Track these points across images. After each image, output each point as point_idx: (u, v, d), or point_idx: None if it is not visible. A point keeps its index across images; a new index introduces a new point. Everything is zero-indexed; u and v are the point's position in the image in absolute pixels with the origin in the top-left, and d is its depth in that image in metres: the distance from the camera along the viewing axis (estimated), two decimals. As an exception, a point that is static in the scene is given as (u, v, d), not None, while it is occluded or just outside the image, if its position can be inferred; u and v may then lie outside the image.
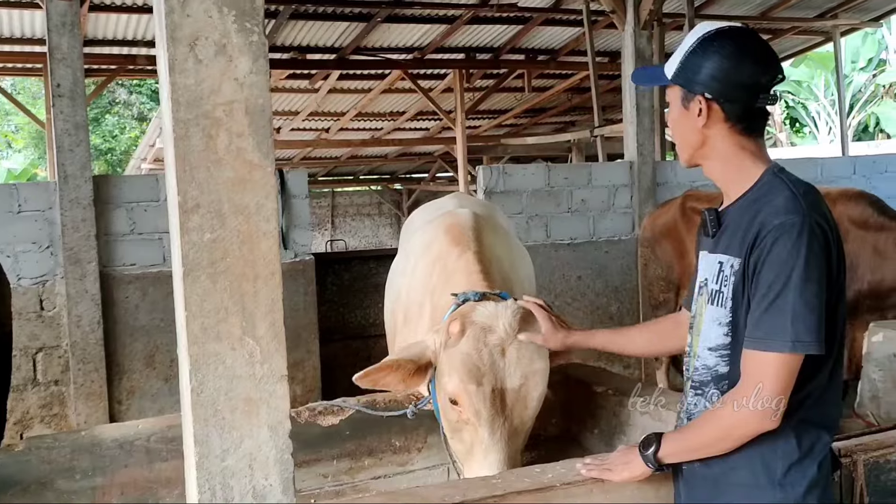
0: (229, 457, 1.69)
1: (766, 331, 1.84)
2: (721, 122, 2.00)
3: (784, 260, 1.83)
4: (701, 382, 2.06)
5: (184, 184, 1.64)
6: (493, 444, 2.49)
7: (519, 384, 2.54)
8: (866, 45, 23.82)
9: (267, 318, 1.71)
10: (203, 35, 1.63)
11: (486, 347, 2.54)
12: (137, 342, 5.77)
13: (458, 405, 2.54)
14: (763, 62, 1.99)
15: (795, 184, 1.97)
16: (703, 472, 2.03)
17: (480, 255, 3.00)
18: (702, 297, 2.10)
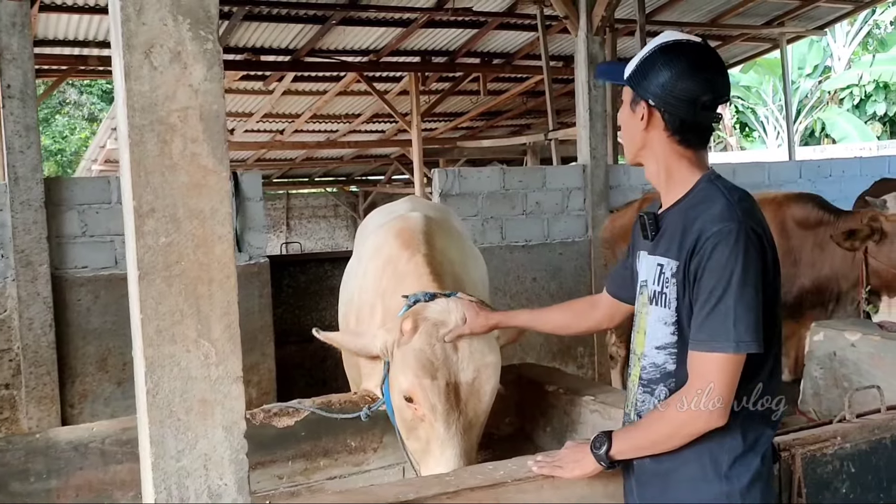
0: (184, 457, 1.71)
1: (710, 333, 1.93)
2: (660, 130, 2.09)
3: (723, 265, 1.92)
4: (650, 381, 2.13)
5: (139, 188, 1.66)
6: (449, 439, 2.54)
7: (472, 377, 2.60)
8: (812, 52, 24.41)
9: (222, 321, 1.74)
10: (158, 42, 1.66)
11: (438, 342, 2.60)
12: (90, 345, 5.71)
13: (414, 402, 2.59)
14: (707, 81, 2.07)
15: (730, 191, 2.05)
16: (654, 467, 2.09)
17: (430, 258, 3.05)
18: (642, 297, 2.18)
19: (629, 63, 2.16)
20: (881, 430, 2.59)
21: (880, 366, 3.74)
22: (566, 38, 10.42)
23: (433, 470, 2.54)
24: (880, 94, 24.53)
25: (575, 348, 7.17)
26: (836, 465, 2.48)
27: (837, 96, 25.55)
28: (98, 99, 24.96)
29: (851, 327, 4.06)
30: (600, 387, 3.22)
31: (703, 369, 1.94)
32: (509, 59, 11.84)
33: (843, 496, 2.49)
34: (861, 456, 2.53)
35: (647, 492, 2.13)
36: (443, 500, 2.06)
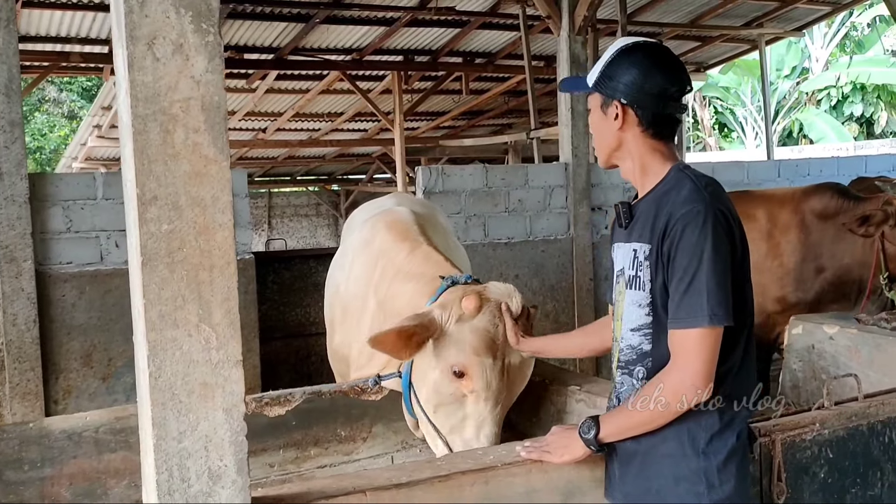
0: (186, 438, 1.76)
1: (687, 311, 2.02)
2: (635, 126, 2.19)
3: (694, 244, 2.01)
4: (627, 362, 2.21)
5: (142, 177, 1.71)
6: (493, 417, 2.66)
7: (519, 360, 2.74)
8: (790, 53, 24.66)
9: (223, 306, 1.78)
10: (161, 34, 1.70)
11: (501, 324, 2.70)
12: (74, 341, 5.71)
13: (465, 378, 2.66)
14: (671, 74, 2.19)
15: (698, 178, 2.16)
16: (635, 447, 2.16)
17: (435, 247, 3.15)
18: (619, 284, 2.26)
19: (591, 72, 2.27)
20: (858, 417, 2.66)
21: (857, 358, 3.84)
22: (548, 37, 10.52)
23: (469, 444, 2.65)
24: (857, 95, 24.83)
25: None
26: (814, 450, 2.55)
27: (815, 97, 25.83)
28: (78, 96, 24.80)
29: (829, 321, 4.15)
30: (585, 377, 3.28)
31: (683, 346, 2.03)
32: (492, 58, 11.91)
33: (821, 481, 2.57)
34: (839, 442, 2.61)
35: (627, 471, 2.19)
36: (435, 483, 2.11)
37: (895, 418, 2.75)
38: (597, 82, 2.23)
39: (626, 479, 2.20)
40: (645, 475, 2.15)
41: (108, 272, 5.68)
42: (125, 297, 5.63)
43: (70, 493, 2.74)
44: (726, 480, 2.09)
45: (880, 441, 2.71)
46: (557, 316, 7.23)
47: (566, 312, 7.27)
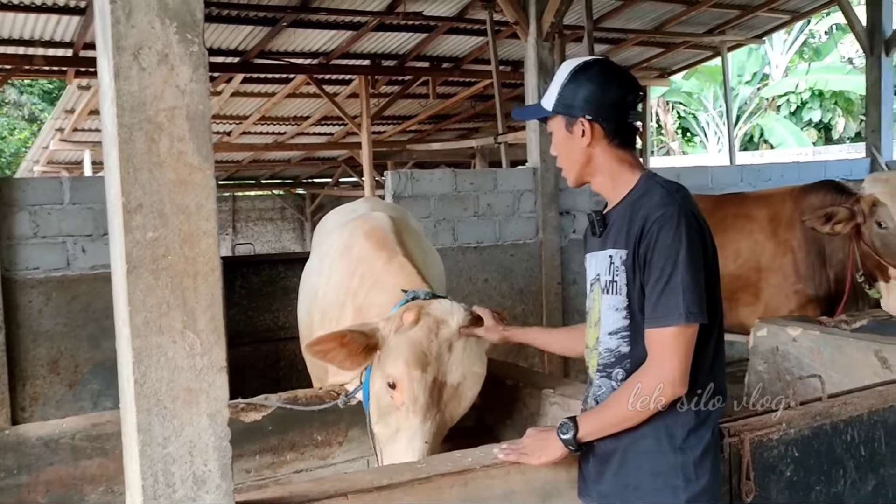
0: (171, 444, 1.78)
1: (664, 310, 2.09)
2: (602, 140, 2.27)
3: (669, 245, 2.09)
4: (605, 365, 2.27)
5: (127, 185, 1.73)
6: (420, 433, 2.64)
7: (458, 381, 2.71)
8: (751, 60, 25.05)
9: (207, 313, 1.81)
10: (147, 45, 1.72)
11: (436, 339, 2.70)
12: (41, 347, 5.65)
13: (397, 389, 2.67)
14: (626, 84, 2.29)
15: (667, 184, 2.25)
16: (613, 445, 2.22)
17: (410, 258, 3.16)
18: (594, 291, 2.32)
19: (545, 97, 2.34)
20: (822, 416, 2.74)
21: (819, 359, 3.94)
22: (515, 43, 10.59)
23: (397, 457, 2.63)
24: (816, 101, 25.25)
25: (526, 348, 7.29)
26: (781, 449, 2.62)
27: (775, 103, 26.23)
28: (39, 99, 24.46)
29: (793, 323, 4.25)
30: (559, 380, 3.34)
31: (661, 344, 2.10)
32: (458, 63, 11.97)
33: (787, 479, 2.64)
34: (804, 441, 2.69)
35: (605, 469, 2.24)
36: (415, 485, 2.15)
37: (857, 417, 2.84)
38: (556, 105, 2.29)
39: (603, 477, 2.25)
40: (623, 472, 2.21)
41: (74, 278, 5.64)
42: (92, 303, 5.64)
43: (46, 499, 2.74)
44: (702, 475, 2.17)
45: (843, 440, 2.79)
46: (526, 319, 7.28)
47: (535, 315, 7.33)
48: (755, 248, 5.47)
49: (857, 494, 2.86)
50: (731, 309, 5.61)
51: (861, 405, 2.89)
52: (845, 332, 4.24)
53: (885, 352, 3.80)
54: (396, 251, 3.19)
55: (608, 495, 2.24)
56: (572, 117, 2.26)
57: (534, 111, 2.39)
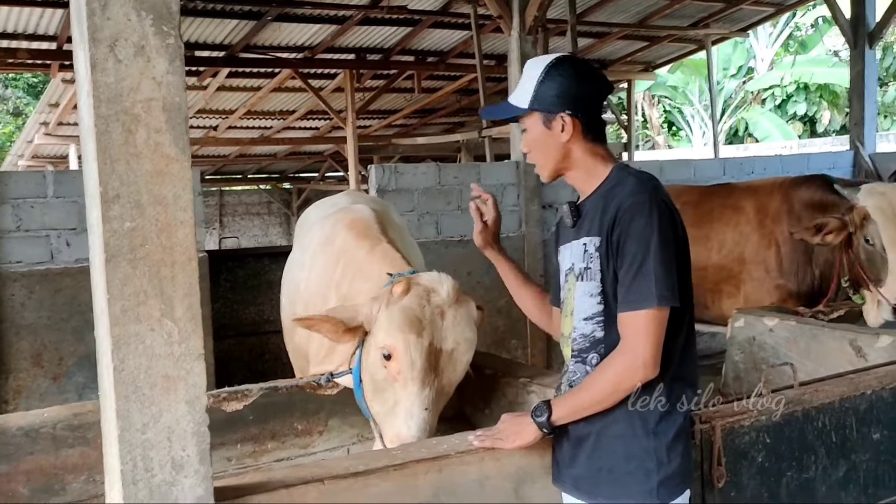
0: (149, 430, 1.81)
1: (636, 294, 2.13)
2: (579, 134, 2.30)
3: (642, 231, 2.13)
4: (580, 350, 2.31)
5: (105, 175, 1.75)
6: (420, 400, 2.67)
7: (452, 347, 2.75)
8: (737, 53, 25.14)
9: (184, 302, 1.84)
10: (123, 37, 1.75)
11: (428, 305, 2.74)
12: (24, 341, 5.66)
13: (392, 359, 2.69)
14: (598, 79, 2.35)
15: (639, 174, 2.29)
16: (587, 429, 2.26)
17: (394, 245, 3.21)
18: (569, 281, 2.36)
19: (517, 96, 2.34)
20: (793, 403, 2.80)
21: (795, 348, 4.00)
22: (499, 37, 10.63)
23: (398, 430, 2.67)
24: (801, 94, 25.40)
25: (508, 340, 7.36)
26: (752, 435, 2.67)
27: (760, 96, 26.37)
28: (23, 93, 24.34)
29: (770, 314, 4.31)
30: (537, 369, 3.38)
31: (633, 327, 2.14)
32: (443, 57, 12.00)
33: (759, 465, 2.69)
34: (775, 427, 2.74)
35: (578, 453, 2.29)
36: (390, 471, 2.18)
37: (828, 405, 2.89)
38: (533, 102, 2.30)
39: (576, 461, 2.29)
40: (597, 455, 2.25)
41: (58, 271, 5.64)
42: (76, 296, 5.65)
43: (27, 489, 2.76)
44: (674, 458, 2.22)
45: (814, 426, 2.85)
46: (510, 311, 7.32)
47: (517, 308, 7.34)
48: (739, 240, 5.47)
49: (829, 480, 2.91)
50: (714, 301, 5.63)
51: (832, 392, 2.94)
52: (821, 322, 4.30)
53: (859, 341, 3.87)
54: (380, 239, 3.23)
55: (581, 479, 2.29)
56: (551, 113, 2.29)
57: (505, 110, 2.39)
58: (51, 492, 2.79)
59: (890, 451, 3.05)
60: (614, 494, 2.23)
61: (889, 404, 3.05)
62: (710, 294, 5.58)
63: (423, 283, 2.80)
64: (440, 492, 2.23)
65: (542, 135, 2.32)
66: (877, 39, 9.41)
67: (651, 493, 2.19)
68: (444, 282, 2.81)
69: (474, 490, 2.28)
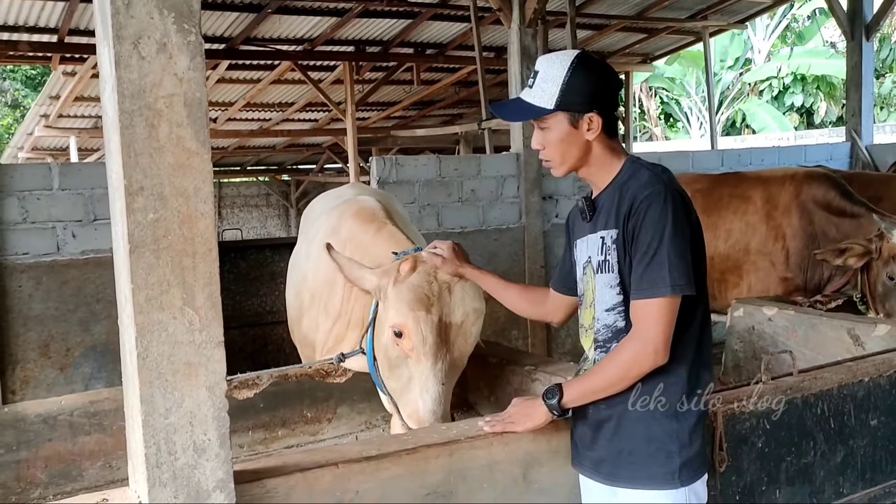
0: (172, 414, 1.87)
1: (649, 282, 2.17)
2: (601, 132, 2.33)
3: (656, 221, 2.18)
4: (605, 340, 2.35)
5: (129, 168, 1.81)
6: (434, 375, 2.74)
7: (461, 319, 2.82)
8: (734, 45, 25.19)
9: (205, 290, 1.90)
10: (146, 34, 1.81)
11: (436, 281, 2.81)
12: (31, 332, 5.72)
13: (404, 336, 2.77)
14: (614, 76, 2.37)
15: (652, 166, 2.34)
16: (608, 412, 2.31)
17: (399, 228, 3.27)
18: (587, 273, 2.40)
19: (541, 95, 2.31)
20: (793, 390, 2.86)
21: (794, 337, 4.06)
22: (498, 29, 10.66)
23: (414, 405, 2.75)
24: (798, 85, 25.44)
25: (509, 331, 7.42)
26: (752, 422, 2.74)
27: (757, 88, 26.39)
28: (22, 85, 24.33)
29: (769, 303, 4.37)
30: (541, 357, 3.45)
31: (645, 314, 2.19)
32: (442, 49, 12.03)
33: (759, 450, 2.76)
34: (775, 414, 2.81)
35: (599, 436, 2.34)
36: (402, 455, 2.25)
37: (827, 391, 2.96)
38: (560, 103, 2.28)
39: (597, 444, 2.34)
40: (618, 438, 2.30)
41: (64, 263, 5.70)
42: (82, 287, 5.71)
43: (45, 475, 2.82)
44: (696, 441, 2.27)
45: (813, 413, 2.91)
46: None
47: (518, 299, 7.42)
48: (746, 230, 5.48)
49: (827, 465, 2.98)
50: (720, 290, 5.66)
51: (831, 380, 3.01)
52: (819, 311, 4.37)
53: (857, 330, 3.93)
54: (385, 223, 3.30)
55: (602, 461, 2.33)
56: (578, 113, 2.29)
57: (528, 111, 2.34)
58: (68, 478, 2.86)
59: (887, 436, 3.13)
60: (635, 477, 2.27)
61: (886, 391, 3.12)
62: (716, 284, 5.59)
63: (429, 261, 2.85)
64: (451, 475, 2.30)
65: (566, 134, 2.31)
66: (874, 31, 9.46)
67: (673, 476, 2.23)
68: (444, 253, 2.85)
69: (484, 474, 2.35)
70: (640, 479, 2.27)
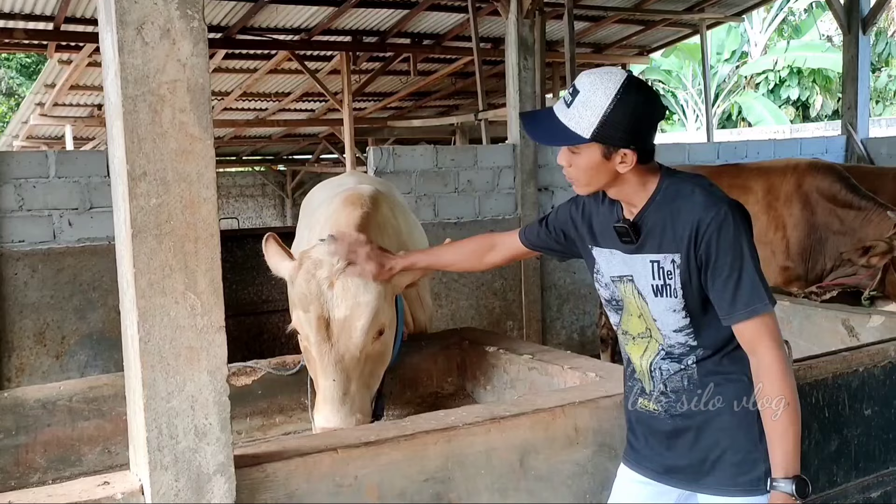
0: (174, 398, 1.89)
1: (745, 302, 2.14)
2: (636, 163, 2.21)
3: (732, 242, 2.14)
4: (680, 354, 2.31)
5: (132, 154, 1.82)
6: (322, 371, 2.75)
7: (344, 314, 2.79)
8: (730, 37, 25.20)
9: (207, 276, 1.91)
10: (149, 20, 1.81)
11: (314, 279, 2.81)
12: (27, 319, 5.72)
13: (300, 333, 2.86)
14: (658, 105, 2.24)
15: (695, 181, 2.26)
16: (687, 423, 2.30)
17: (367, 216, 3.21)
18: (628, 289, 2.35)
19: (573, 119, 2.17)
20: (788, 380, 2.88)
21: (788, 328, 4.09)
22: (496, 20, 10.65)
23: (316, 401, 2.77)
24: (794, 79, 25.46)
25: (504, 321, 7.45)
26: (748, 410, 2.76)
27: (753, 81, 26.42)
28: (16, 73, 24.25)
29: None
30: (537, 346, 3.46)
31: (756, 334, 2.15)
32: (439, 40, 12.01)
33: (754, 438, 2.78)
34: (770, 403, 2.82)
35: (677, 443, 2.32)
36: (401, 441, 2.27)
37: (822, 381, 2.99)
38: (596, 134, 2.15)
39: (673, 451, 2.33)
40: (698, 448, 2.28)
41: (60, 251, 5.70)
42: (78, 275, 5.70)
43: (44, 459, 2.84)
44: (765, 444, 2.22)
45: (807, 402, 2.94)
46: (505, 293, 7.42)
47: (514, 290, 7.46)
48: None
49: (821, 454, 3.01)
50: None
51: (826, 369, 3.03)
52: (814, 302, 4.40)
53: (852, 321, 3.97)
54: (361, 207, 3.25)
55: (681, 469, 2.32)
56: (614, 147, 2.17)
57: (563, 136, 2.20)
58: (67, 463, 2.87)
59: (880, 426, 3.16)
60: (721, 484, 2.26)
61: (880, 381, 3.15)
62: None
63: (312, 257, 2.87)
64: (449, 461, 2.32)
65: (597, 164, 2.21)
66: (870, 24, 9.47)
67: (759, 482, 2.21)
68: (335, 253, 2.85)
69: (481, 460, 2.37)
70: (725, 486, 2.26)
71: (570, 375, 3.01)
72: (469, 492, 2.35)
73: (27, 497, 1.89)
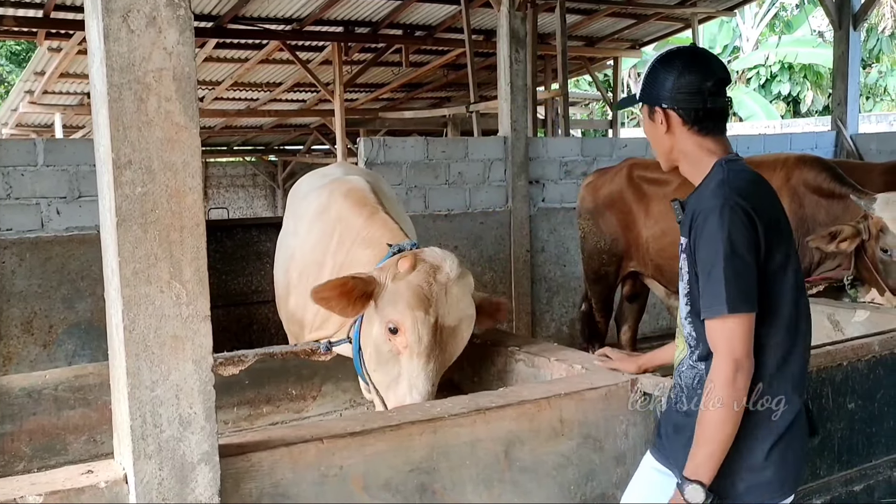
0: (158, 387, 1.89)
1: (709, 300, 2.14)
2: (680, 127, 2.32)
3: (712, 236, 2.14)
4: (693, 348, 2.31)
5: (117, 142, 1.82)
6: (425, 374, 2.76)
7: (455, 323, 2.84)
8: (722, 32, 25.24)
9: (192, 265, 1.91)
10: (135, 7, 1.81)
11: (434, 283, 2.82)
12: (14, 308, 5.70)
13: (399, 334, 2.78)
14: (704, 71, 2.31)
15: (731, 171, 2.26)
16: (684, 421, 2.29)
17: (390, 216, 3.28)
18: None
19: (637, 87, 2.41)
20: (773, 373, 2.89)
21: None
22: (488, 12, 10.63)
23: (402, 400, 2.75)
24: (785, 74, 25.51)
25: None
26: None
27: (745, 76, 26.47)
28: (6, 61, 24.10)
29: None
30: (524, 338, 3.47)
31: (714, 335, 2.15)
32: (431, 31, 11.99)
33: (738, 431, 2.79)
34: (755, 396, 2.84)
35: (676, 440, 2.31)
36: (386, 432, 2.27)
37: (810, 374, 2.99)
38: (642, 95, 2.39)
39: (674, 446, 2.33)
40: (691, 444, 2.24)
41: (49, 239, 5.68)
42: (66, 264, 5.68)
43: (30, 448, 2.83)
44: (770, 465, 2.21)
45: (793, 395, 2.94)
46: (495, 286, 7.42)
47: (504, 283, 7.47)
48: None
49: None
50: None
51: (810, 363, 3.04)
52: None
53: (837, 315, 3.99)
54: (377, 208, 3.31)
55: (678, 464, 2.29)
56: (652, 105, 2.36)
57: (630, 99, 2.51)
58: (52, 451, 2.87)
59: (863, 419, 3.18)
60: None
61: (864, 375, 3.17)
62: None
63: (428, 260, 2.87)
64: (434, 452, 2.32)
65: (648, 126, 2.40)
66: (861, 20, 9.49)
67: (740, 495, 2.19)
68: (448, 259, 2.90)
69: (466, 451, 2.38)
70: None
71: (557, 367, 3.02)
72: (454, 482, 2.35)
73: (11, 485, 1.89)
